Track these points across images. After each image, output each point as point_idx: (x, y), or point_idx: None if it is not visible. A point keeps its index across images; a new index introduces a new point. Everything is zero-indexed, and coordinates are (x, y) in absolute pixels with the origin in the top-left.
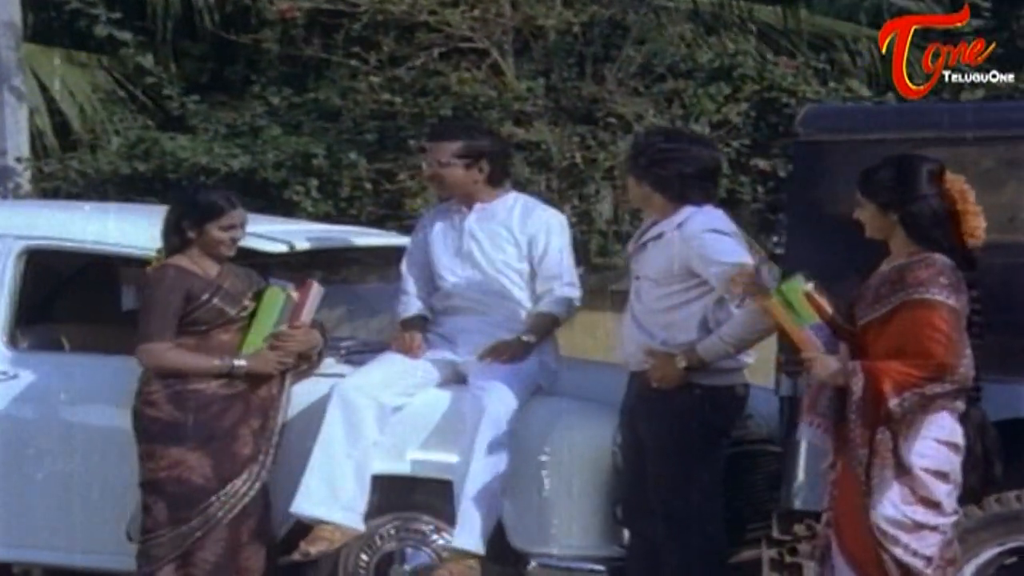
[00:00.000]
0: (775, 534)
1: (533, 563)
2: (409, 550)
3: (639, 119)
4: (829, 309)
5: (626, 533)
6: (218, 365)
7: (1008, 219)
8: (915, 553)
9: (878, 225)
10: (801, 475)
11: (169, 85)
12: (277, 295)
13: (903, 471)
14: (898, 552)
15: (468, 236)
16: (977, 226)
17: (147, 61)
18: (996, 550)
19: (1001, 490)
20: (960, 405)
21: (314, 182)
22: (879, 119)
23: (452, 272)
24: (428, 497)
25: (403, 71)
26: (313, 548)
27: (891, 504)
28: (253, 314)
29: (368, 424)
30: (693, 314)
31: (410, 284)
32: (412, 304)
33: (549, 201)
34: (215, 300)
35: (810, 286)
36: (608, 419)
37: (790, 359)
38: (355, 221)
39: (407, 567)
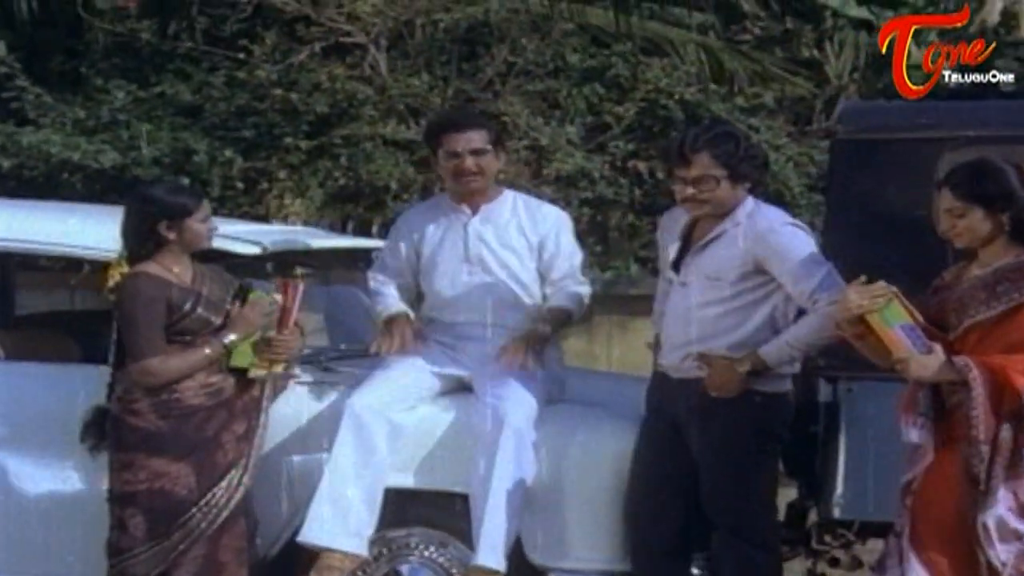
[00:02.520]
0: (813, 544)
1: None
2: (409, 567)
3: (517, 118)
4: (916, 313)
5: None
6: (210, 354)
7: None
8: (998, 557)
9: (984, 230)
10: (840, 485)
11: (21, 75)
12: (263, 301)
13: (1015, 473)
14: (992, 555)
15: (476, 239)
16: None
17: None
18: None
19: None
20: None
21: (184, 180)
22: (922, 116)
23: (455, 278)
24: (429, 511)
25: (270, 67)
26: None
27: (1002, 504)
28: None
29: (380, 444)
30: (759, 314)
31: (385, 285)
32: (392, 302)
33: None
34: (199, 310)
35: (895, 289)
36: (628, 427)
37: (830, 364)
38: None
39: None
